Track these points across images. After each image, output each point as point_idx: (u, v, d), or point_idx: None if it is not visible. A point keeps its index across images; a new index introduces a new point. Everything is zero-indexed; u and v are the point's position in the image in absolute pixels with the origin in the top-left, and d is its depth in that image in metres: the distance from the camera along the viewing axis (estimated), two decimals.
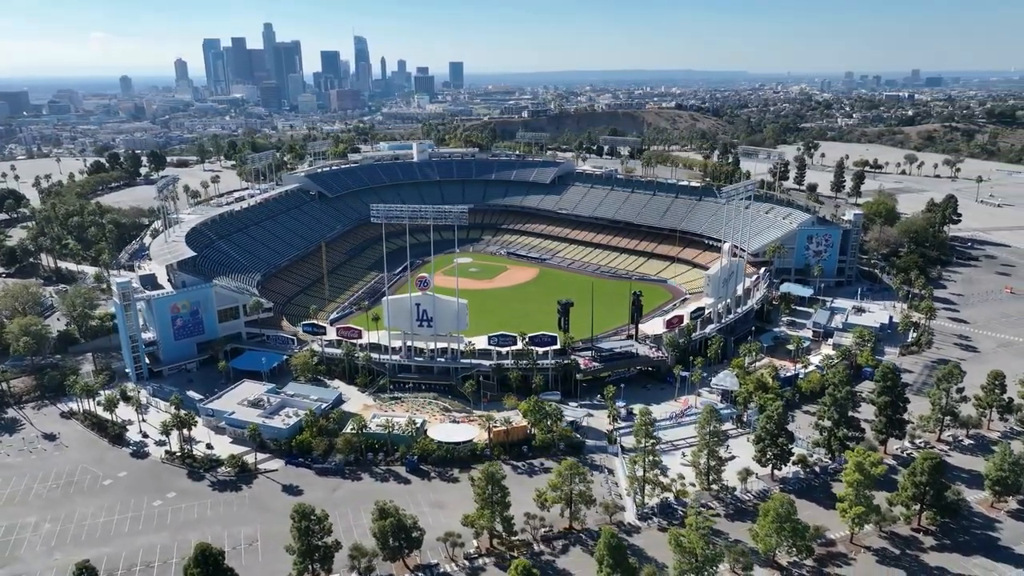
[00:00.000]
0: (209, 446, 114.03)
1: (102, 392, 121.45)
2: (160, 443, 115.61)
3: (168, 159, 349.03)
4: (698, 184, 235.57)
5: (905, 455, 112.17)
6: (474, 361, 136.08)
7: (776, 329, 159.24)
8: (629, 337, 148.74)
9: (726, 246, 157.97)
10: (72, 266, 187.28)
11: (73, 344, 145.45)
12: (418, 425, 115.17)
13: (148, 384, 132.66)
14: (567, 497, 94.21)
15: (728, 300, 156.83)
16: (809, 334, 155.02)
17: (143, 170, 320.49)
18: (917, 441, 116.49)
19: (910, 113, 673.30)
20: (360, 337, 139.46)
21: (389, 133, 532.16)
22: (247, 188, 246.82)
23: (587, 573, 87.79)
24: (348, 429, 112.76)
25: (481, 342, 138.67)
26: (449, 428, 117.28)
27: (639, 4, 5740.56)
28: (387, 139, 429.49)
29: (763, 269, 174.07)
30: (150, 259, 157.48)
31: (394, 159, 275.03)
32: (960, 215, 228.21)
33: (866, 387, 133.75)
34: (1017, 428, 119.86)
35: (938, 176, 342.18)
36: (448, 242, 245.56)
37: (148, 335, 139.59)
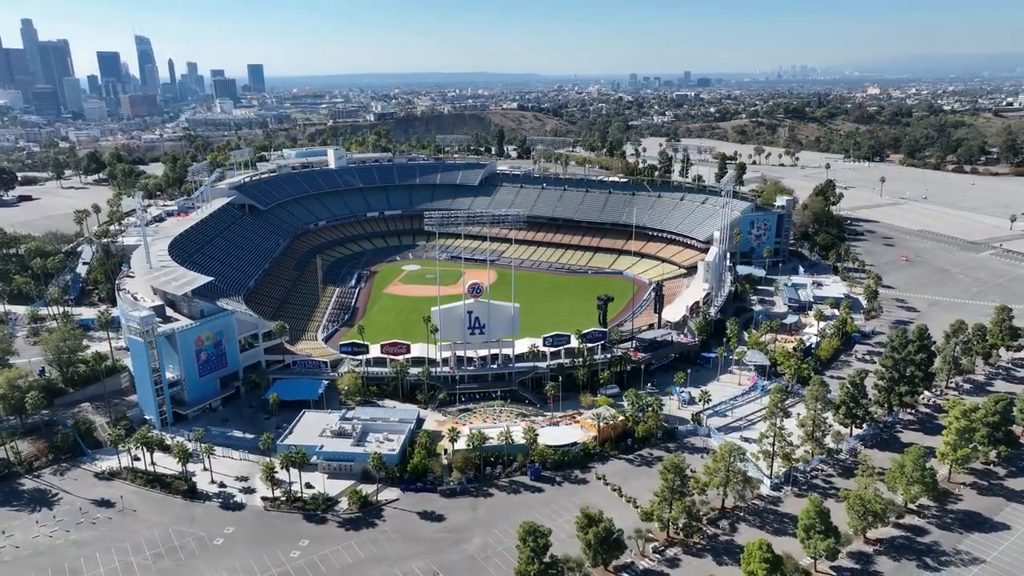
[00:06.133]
0: (309, 484, 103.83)
1: (166, 441, 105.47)
2: (248, 490, 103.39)
3: (17, 176, 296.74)
4: (627, 179, 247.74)
5: (932, 403, 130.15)
6: (530, 364, 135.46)
7: (757, 308, 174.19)
8: (651, 326, 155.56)
9: (717, 234, 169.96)
10: None
11: (59, 395, 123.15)
12: (535, 433, 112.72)
13: (181, 429, 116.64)
14: (723, 479, 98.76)
15: (713, 285, 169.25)
16: (785, 309, 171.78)
17: None
18: (934, 391, 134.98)
19: (712, 111, 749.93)
20: (408, 352, 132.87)
21: (226, 141, 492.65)
22: (149, 204, 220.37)
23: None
24: (461, 446, 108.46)
25: (523, 344, 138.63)
26: (552, 432, 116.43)
27: (434, 6, 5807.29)
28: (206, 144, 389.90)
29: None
30: (128, 290, 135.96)
31: (304, 167, 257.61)
32: (842, 196, 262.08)
33: (858, 351, 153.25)
34: (991, 371, 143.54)
35: (783, 165, 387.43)
36: (384, 251, 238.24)
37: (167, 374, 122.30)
